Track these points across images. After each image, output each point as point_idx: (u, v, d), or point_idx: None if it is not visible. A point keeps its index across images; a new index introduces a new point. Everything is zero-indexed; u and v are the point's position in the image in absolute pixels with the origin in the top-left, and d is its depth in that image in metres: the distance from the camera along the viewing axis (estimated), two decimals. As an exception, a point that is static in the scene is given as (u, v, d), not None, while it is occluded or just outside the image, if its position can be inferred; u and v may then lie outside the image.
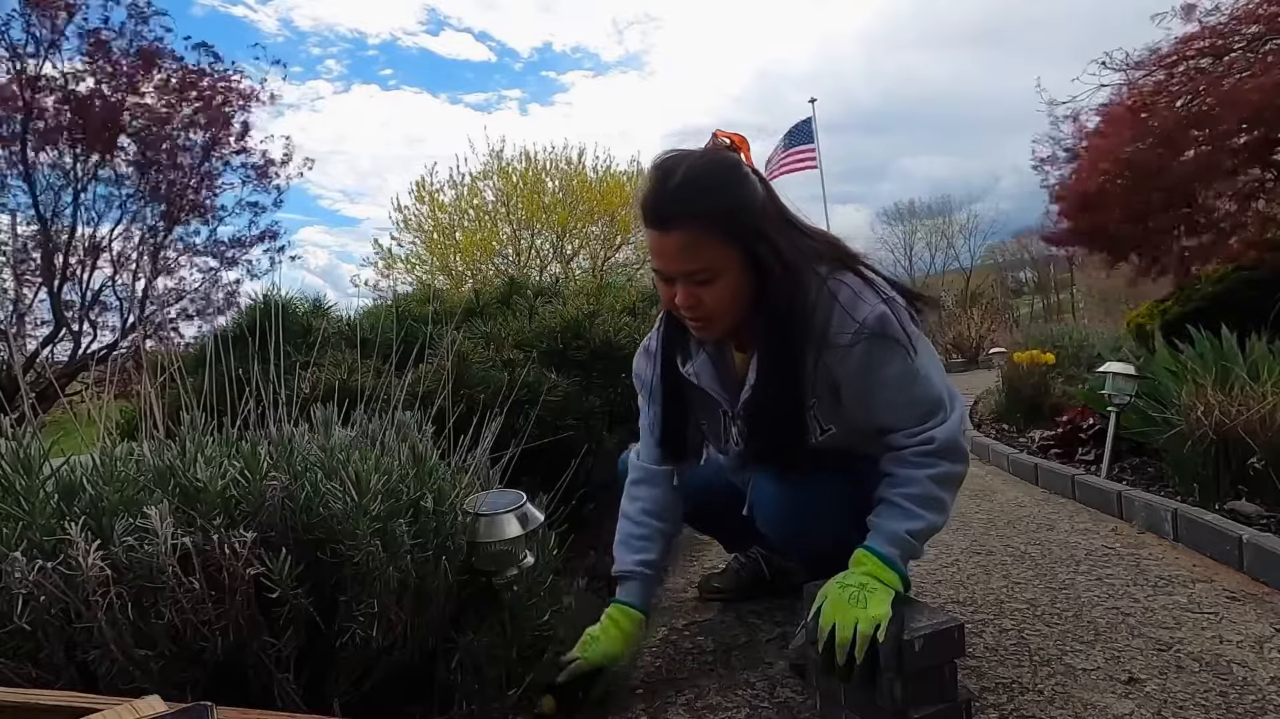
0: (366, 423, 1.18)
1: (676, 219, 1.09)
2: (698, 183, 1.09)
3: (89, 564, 0.80)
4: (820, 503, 1.23)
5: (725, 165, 1.13)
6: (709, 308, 1.13)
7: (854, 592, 1.04)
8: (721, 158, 1.15)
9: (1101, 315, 14.28)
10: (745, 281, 1.12)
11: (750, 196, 1.12)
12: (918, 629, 1.00)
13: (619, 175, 12.20)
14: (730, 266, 1.10)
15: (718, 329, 1.19)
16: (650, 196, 1.11)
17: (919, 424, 1.15)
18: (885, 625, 0.99)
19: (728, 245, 1.09)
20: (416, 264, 12.04)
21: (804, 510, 1.25)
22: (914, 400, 1.15)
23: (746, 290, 1.13)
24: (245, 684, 0.93)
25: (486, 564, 1.11)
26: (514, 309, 2.55)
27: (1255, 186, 4.71)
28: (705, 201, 1.08)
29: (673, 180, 1.09)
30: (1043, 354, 4.18)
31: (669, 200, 1.09)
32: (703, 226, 1.08)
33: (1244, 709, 1.10)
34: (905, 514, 1.13)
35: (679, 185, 1.09)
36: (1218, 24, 4.22)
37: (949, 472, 1.16)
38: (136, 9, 8.21)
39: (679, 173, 1.10)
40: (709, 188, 1.09)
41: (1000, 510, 2.46)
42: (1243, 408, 2.02)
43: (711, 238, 1.09)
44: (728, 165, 1.13)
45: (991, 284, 24.30)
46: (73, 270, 8.42)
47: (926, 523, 1.13)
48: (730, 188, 1.10)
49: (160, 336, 8.73)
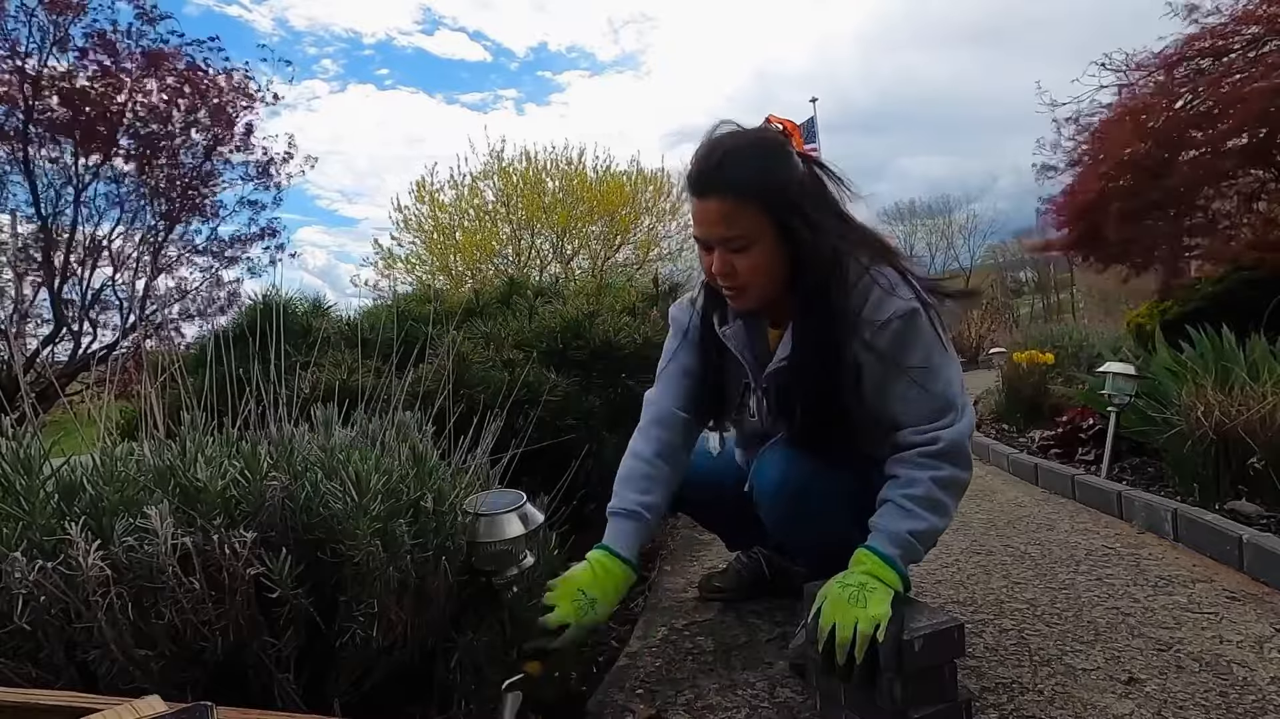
0: (366, 423, 1.18)
1: (715, 187, 1.16)
2: (739, 156, 1.16)
3: (89, 564, 0.80)
4: (821, 490, 1.24)
5: (768, 143, 1.19)
6: (743, 276, 1.18)
7: (854, 591, 1.04)
8: (767, 136, 1.20)
9: (1101, 315, 14.26)
10: (779, 254, 1.17)
11: (789, 174, 1.16)
12: (917, 629, 1.00)
13: (619, 175, 12.20)
14: (764, 237, 1.15)
15: (751, 299, 1.22)
16: (695, 166, 1.18)
17: (928, 422, 1.17)
18: (885, 625, 0.99)
19: (762, 215, 1.14)
20: (416, 264, 12.04)
21: (804, 495, 1.25)
22: (928, 396, 1.17)
23: (780, 263, 1.18)
24: (245, 684, 0.93)
25: (486, 564, 1.11)
26: (514, 309, 2.55)
27: (1257, 187, 4.71)
28: (743, 173, 1.15)
29: (717, 153, 1.16)
30: (1042, 354, 4.19)
31: (711, 170, 1.16)
32: (739, 195, 1.14)
33: (1244, 709, 1.10)
34: (907, 514, 1.13)
35: (722, 157, 1.16)
36: (1218, 25, 4.22)
37: (953, 476, 1.16)
38: (143, 12, 8.22)
39: (723, 146, 1.17)
40: (748, 161, 1.15)
41: (1000, 510, 2.46)
42: (1243, 408, 2.03)
43: (747, 207, 1.14)
44: (770, 144, 1.19)
45: (991, 284, 24.30)
46: (73, 269, 8.43)
47: (929, 524, 1.14)
48: (769, 163, 1.16)
49: (160, 336, 8.73)
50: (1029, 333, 6.21)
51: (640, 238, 12.58)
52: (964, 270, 24.41)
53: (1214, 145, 4.29)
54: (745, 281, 1.19)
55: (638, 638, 1.52)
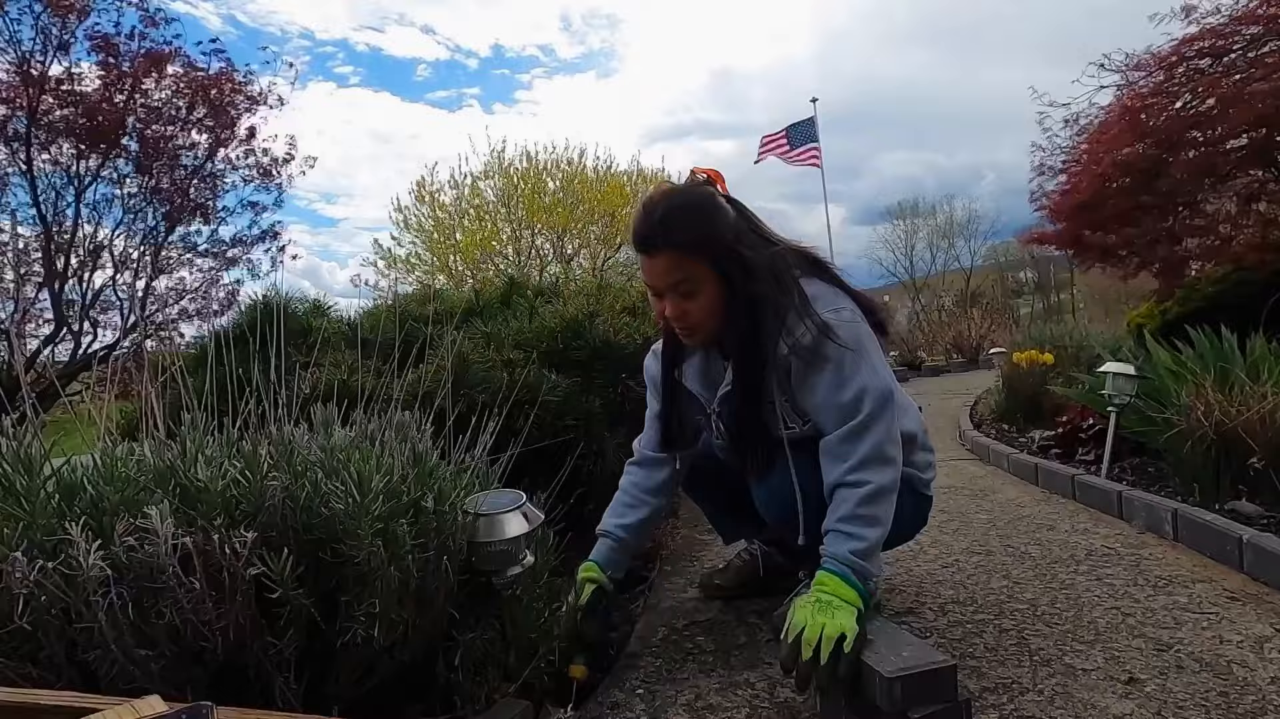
0: (367, 423, 1.18)
1: (658, 245, 1.32)
2: (674, 214, 1.32)
3: (89, 564, 0.80)
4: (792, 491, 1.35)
5: (699, 199, 1.35)
6: (693, 317, 1.35)
7: (822, 605, 1.13)
8: (696, 193, 1.37)
9: (1101, 315, 14.27)
10: (722, 294, 1.32)
11: (721, 222, 1.33)
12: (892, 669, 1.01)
13: (619, 175, 12.21)
14: (707, 281, 1.32)
15: (701, 336, 1.39)
16: (638, 228, 1.35)
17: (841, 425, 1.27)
18: (852, 639, 1.08)
19: (702, 263, 1.31)
20: (417, 264, 12.04)
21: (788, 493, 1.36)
22: (841, 402, 1.27)
23: (724, 302, 1.33)
24: (245, 684, 0.93)
25: (487, 564, 1.11)
26: (514, 309, 2.55)
27: (1256, 188, 4.71)
28: (681, 229, 1.31)
29: (655, 214, 1.32)
30: (1042, 354, 4.19)
31: (652, 230, 1.32)
32: (680, 248, 1.30)
33: (1244, 709, 1.10)
34: (848, 538, 1.22)
35: (660, 218, 1.32)
36: (1218, 25, 4.23)
37: (877, 487, 1.24)
38: (147, 15, 8.22)
39: (660, 208, 1.33)
40: (684, 217, 1.32)
41: (1000, 510, 2.46)
42: (1243, 408, 2.03)
43: (688, 258, 1.31)
44: (701, 199, 1.35)
45: (992, 284, 24.30)
46: (74, 270, 8.42)
47: (868, 543, 1.22)
48: (702, 216, 1.33)
49: (161, 336, 8.71)
50: (1029, 333, 6.20)
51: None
52: (964, 270, 24.40)
53: (1214, 145, 4.29)
54: (696, 321, 1.35)
55: (638, 638, 1.52)
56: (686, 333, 1.38)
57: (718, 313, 1.33)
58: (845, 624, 1.09)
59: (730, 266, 1.30)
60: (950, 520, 2.34)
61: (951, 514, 2.41)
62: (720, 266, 1.30)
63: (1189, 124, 4.35)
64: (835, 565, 1.20)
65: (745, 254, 1.31)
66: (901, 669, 1.00)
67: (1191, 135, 4.42)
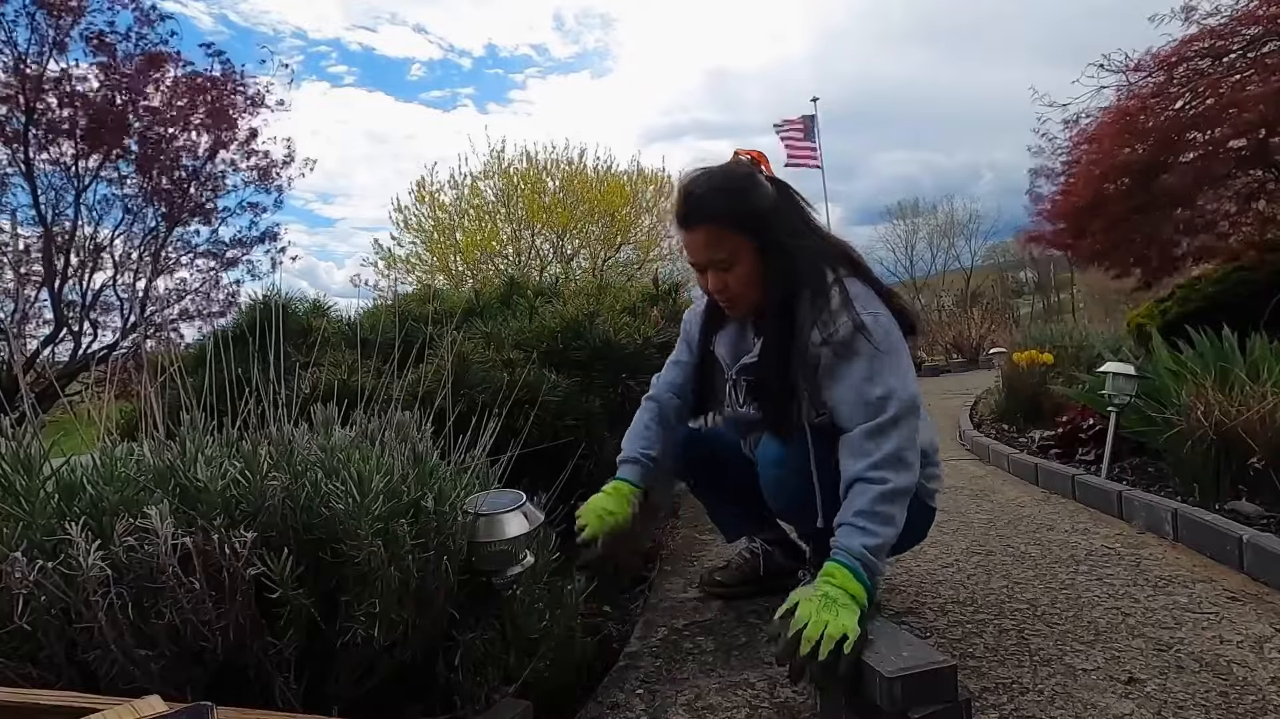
0: (367, 423, 1.18)
1: (696, 219, 1.37)
2: (712, 189, 1.36)
3: (89, 564, 0.80)
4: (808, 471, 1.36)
5: (737, 174, 1.38)
6: (733, 290, 1.39)
7: (826, 601, 1.13)
8: (735, 168, 1.40)
9: (1101, 315, 14.27)
10: (759, 266, 1.36)
11: (759, 197, 1.35)
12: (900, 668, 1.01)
13: (619, 175, 12.21)
14: (745, 254, 1.35)
15: (743, 308, 1.43)
16: (677, 204, 1.40)
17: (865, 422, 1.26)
18: (854, 640, 1.07)
19: (740, 236, 1.34)
20: (416, 264, 12.04)
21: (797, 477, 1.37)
22: (866, 401, 1.27)
23: (760, 273, 1.36)
24: (245, 684, 0.93)
25: (487, 564, 1.11)
26: (514, 309, 2.55)
27: (1256, 188, 4.71)
28: (718, 203, 1.34)
29: (694, 190, 1.37)
30: (1042, 354, 4.18)
31: (691, 206, 1.37)
32: (718, 222, 1.35)
33: (1244, 709, 1.10)
34: (862, 533, 1.22)
35: (699, 193, 1.36)
36: (1217, 25, 4.23)
37: (895, 487, 1.23)
38: (143, 14, 8.21)
39: (699, 183, 1.37)
40: (721, 192, 1.35)
41: (1000, 510, 2.46)
42: (1243, 408, 2.02)
43: (726, 231, 1.34)
44: (739, 174, 1.38)
45: (992, 284, 24.31)
46: (74, 270, 8.42)
47: (881, 539, 1.22)
48: (739, 191, 1.35)
49: (160, 337, 8.71)
50: (1029, 333, 6.20)
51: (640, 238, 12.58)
52: (965, 270, 24.40)
53: (1214, 146, 4.29)
54: (736, 293, 1.39)
55: (638, 638, 1.52)
56: (729, 304, 1.43)
57: (755, 284, 1.37)
58: (847, 624, 1.08)
59: (766, 239, 1.33)
60: (950, 520, 2.33)
61: (951, 514, 2.41)
62: (757, 239, 1.33)
63: (1189, 125, 4.35)
64: (846, 558, 1.19)
65: (781, 229, 1.34)
66: (902, 669, 1.00)
67: (1191, 136, 4.42)
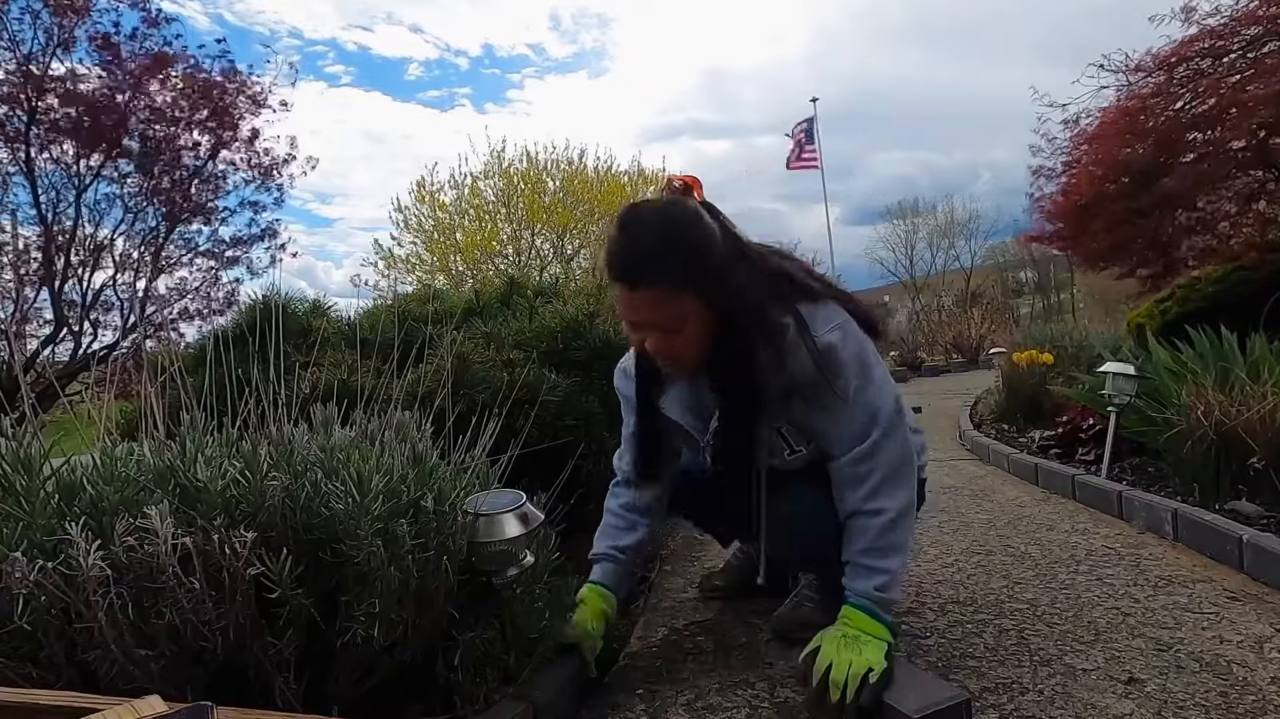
0: (366, 423, 1.18)
1: (644, 278, 1.16)
2: (665, 244, 1.15)
3: (89, 564, 0.80)
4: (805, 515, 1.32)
5: (686, 223, 1.17)
6: (678, 352, 1.22)
7: (849, 641, 1.12)
8: (680, 212, 1.19)
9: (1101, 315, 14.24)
10: (711, 327, 1.20)
11: (708, 248, 1.17)
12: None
13: (619, 175, 12.21)
14: (695, 315, 1.18)
15: (687, 370, 1.28)
16: (617, 255, 1.17)
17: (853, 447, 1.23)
18: (880, 672, 1.07)
19: (691, 297, 1.17)
20: (416, 264, 12.04)
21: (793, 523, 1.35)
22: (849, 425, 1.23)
23: (712, 332, 1.20)
24: (245, 684, 0.93)
25: (486, 564, 1.11)
26: (514, 309, 2.55)
27: (1256, 188, 4.71)
28: (672, 263, 1.14)
29: (636, 240, 1.16)
30: (1042, 354, 4.18)
31: (635, 261, 1.16)
32: (669, 282, 1.15)
33: (1244, 709, 1.10)
34: (870, 572, 1.20)
35: (647, 249, 1.15)
36: (1217, 25, 4.23)
37: (896, 514, 1.21)
38: (148, 15, 8.22)
39: (643, 233, 1.16)
40: (674, 250, 1.15)
41: (1000, 510, 2.46)
42: (1243, 408, 2.02)
43: (676, 292, 1.16)
44: (687, 221, 1.18)
45: (992, 284, 24.28)
46: (74, 270, 8.41)
47: (890, 574, 1.20)
48: (690, 246, 1.16)
49: (160, 337, 8.71)
50: (1029, 333, 6.19)
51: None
52: (964, 270, 24.38)
53: (1215, 147, 4.29)
54: (680, 356, 1.23)
55: (638, 638, 1.52)
56: (671, 365, 1.27)
57: (705, 344, 1.21)
58: (873, 659, 1.09)
59: (722, 299, 1.17)
60: (950, 520, 2.33)
61: (951, 514, 2.41)
62: (707, 296, 1.17)
63: (1189, 125, 4.35)
64: (860, 601, 1.19)
65: (732, 277, 1.17)
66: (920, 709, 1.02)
67: (1191, 137, 4.42)
